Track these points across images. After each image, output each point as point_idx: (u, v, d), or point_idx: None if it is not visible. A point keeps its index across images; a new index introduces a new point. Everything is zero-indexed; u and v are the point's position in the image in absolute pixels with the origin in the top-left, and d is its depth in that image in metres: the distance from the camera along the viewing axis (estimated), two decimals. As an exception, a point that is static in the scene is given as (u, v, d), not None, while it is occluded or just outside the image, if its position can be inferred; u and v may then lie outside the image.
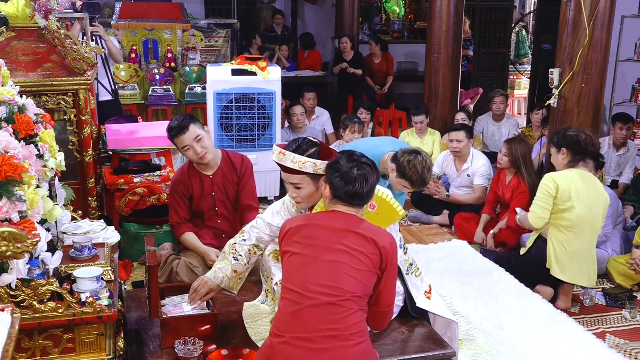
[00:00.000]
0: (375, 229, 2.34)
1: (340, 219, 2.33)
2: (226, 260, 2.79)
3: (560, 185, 3.78)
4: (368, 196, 2.37)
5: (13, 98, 2.44)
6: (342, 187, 2.31)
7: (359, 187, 2.31)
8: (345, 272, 2.22)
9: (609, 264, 4.25)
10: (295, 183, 2.55)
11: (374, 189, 2.40)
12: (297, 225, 2.35)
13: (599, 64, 4.58)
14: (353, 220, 2.33)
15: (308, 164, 2.48)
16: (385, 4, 11.43)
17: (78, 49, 3.72)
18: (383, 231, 2.38)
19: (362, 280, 2.24)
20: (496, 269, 4.15)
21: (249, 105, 5.21)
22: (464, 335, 3.28)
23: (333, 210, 2.37)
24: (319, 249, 2.27)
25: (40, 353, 2.17)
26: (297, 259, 2.29)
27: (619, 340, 3.52)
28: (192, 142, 3.39)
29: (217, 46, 8.36)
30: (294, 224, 2.36)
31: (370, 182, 2.34)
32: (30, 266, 2.17)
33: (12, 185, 2.07)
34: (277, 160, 2.54)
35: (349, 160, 2.35)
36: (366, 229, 2.30)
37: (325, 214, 2.40)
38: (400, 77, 9.69)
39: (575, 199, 3.77)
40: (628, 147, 5.72)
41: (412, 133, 6.32)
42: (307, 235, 2.31)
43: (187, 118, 3.45)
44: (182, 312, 2.64)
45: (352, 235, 2.27)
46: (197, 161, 3.47)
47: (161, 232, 4.14)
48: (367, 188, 2.34)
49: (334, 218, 2.34)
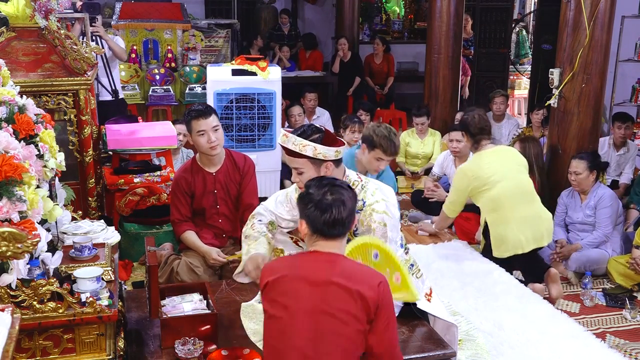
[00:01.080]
0: (360, 273, 2.14)
1: (322, 262, 2.15)
2: (254, 240, 2.80)
3: (471, 177, 4.06)
4: (349, 220, 2.18)
5: (13, 98, 2.44)
6: (318, 217, 2.14)
7: (337, 212, 2.13)
8: (327, 339, 2.06)
9: (609, 264, 4.26)
10: (297, 167, 2.58)
11: (354, 212, 2.21)
12: (275, 278, 2.17)
13: (599, 64, 4.59)
14: (335, 263, 2.14)
15: (308, 147, 2.51)
16: (385, 4, 11.43)
17: (78, 49, 3.72)
18: (369, 274, 2.16)
19: (347, 344, 2.07)
20: (496, 269, 4.15)
21: (249, 105, 5.21)
22: (464, 335, 3.28)
23: (314, 250, 2.19)
24: (298, 314, 2.09)
25: (40, 353, 2.17)
26: (274, 325, 2.14)
27: (619, 340, 3.52)
28: (209, 129, 3.41)
29: (217, 46, 8.36)
30: (271, 277, 2.18)
31: (348, 204, 2.16)
32: (30, 266, 2.17)
33: (12, 185, 2.07)
34: (281, 142, 2.59)
35: (319, 186, 2.19)
36: (350, 277, 2.10)
37: (306, 257, 2.23)
38: (401, 77, 9.70)
39: (491, 180, 4.00)
40: (628, 147, 5.73)
41: (412, 133, 6.33)
42: (285, 291, 2.14)
43: (210, 107, 3.54)
44: (182, 312, 2.64)
45: (333, 289, 2.08)
46: (205, 150, 3.46)
47: (161, 232, 4.14)
48: (346, 212, 2.15)
49: (314, 262, 2.16)
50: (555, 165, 4.89)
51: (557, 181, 4.86)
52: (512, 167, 4.12)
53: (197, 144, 3.47)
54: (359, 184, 2.64)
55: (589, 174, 4.38)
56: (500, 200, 3.98)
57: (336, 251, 2.19)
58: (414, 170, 6.32)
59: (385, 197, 2.61)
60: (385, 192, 2.65)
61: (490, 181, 4.00)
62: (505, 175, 4.03)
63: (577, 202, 4.51)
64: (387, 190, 2.68)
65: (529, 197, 4.07)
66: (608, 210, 4.37)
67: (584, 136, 4.71)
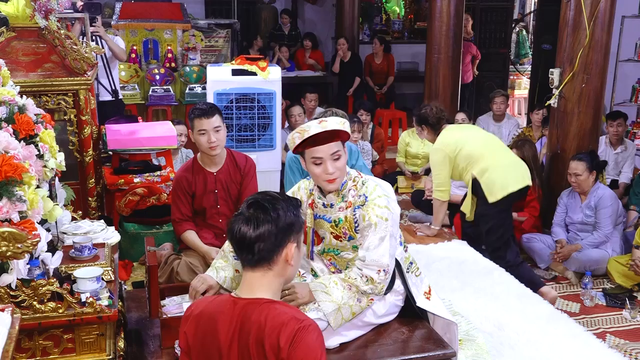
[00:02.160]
0: (273, 327, 1.69)
1: (235, 315, 1.75)
2: (226, 259, 2.70)
3: (441, 148, 4.38)
4: (265, 242, 1.74)
5: (13, 98, 2.44)
6: (229, 237, 1.80)
7: (245, 230, 1.73)
8: None
9: (609, 264, 4.26)
10: (335, 152, 2.47)
11: (280, 234, 1.76)
12: (188, 332, 1.83)
13: (599, 64, 4.59)
14: (253, 313, 1.73)
15: (346, 123, 2.53)
16: (385, 4, 11.43)
17: (78, 49, 3.72)
18: (283, 324, 1.70)
19: None
20: (496, 269, 4.15)
21: (249, 105, 5.21)
22: (464, 335, 3.28)
23: (243, 283, 1.82)
24: None
25: (40, 353, 2.17)
26: None
27: (619, 340, 3.52)
28: (211, 129, 3.41)
29: (217, 46, 8.36)
30: (186, 332, 1.85)
31: (266, 223, 1.73)
32: (30, 266, 2.17)
33: (12, 185, 2.07)
34: (320, 128, 2.42)
35: (247, 205, 1.79)
36: (262, 334, 1.69)
37: (227, 303, 1.80)
38: (401, 77, 9.70)
39: (461, 141, 4.35)
40: (625, 145, 5.72)
41: (412, 133, 6.32)
42: (199, 356, 1.80)
43: (215, 107, 3.53)
44: (182, 312, 2.63)
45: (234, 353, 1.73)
46: (205, 150, 3.46)
47: (161, 232, 4.14)
48: (260, 230, 1.72)
49: (228, 316, 1.76)
50: (555, 165, 4.90)
51: (557, 181, 4.86)
52: (474, 129, 4.79)
53: (198, 143, 3.47)
54: (359, 180, 2.62)
55: (589, 175, 4.39)
56: (478, 151, 4.29)
57: (258, 290, 1.77)
58: (414, 170, 6.32)
59: (386, 192, 2.60)
60: (385, 188, 2.64)
61: (461, 142, 4.34)
62: (472, 134, 4.51)
63: (577, 202, 4.52)
64: (387, 186, 2.67)
65: (503, 147, 4.50)
66: (608, 210, 4.37)
67: (584, 136, 4.71)
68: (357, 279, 2.50)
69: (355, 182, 2.59)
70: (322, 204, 2.63)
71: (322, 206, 2.63)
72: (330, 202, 2.60)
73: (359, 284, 2.50)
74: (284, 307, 1.77)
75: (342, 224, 2.59)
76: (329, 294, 2.47)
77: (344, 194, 2.58)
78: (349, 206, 2.57)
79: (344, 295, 2.48)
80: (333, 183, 2.52)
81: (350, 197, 2.57)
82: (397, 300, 2.67)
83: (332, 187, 2.54)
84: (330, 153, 2.46)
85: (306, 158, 2.52)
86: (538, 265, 4.55)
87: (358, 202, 2.56)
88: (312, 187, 2.70)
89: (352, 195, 2.58)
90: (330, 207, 2.61)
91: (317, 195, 2.65)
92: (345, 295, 2.48)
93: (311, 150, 2.48)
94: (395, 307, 2.67)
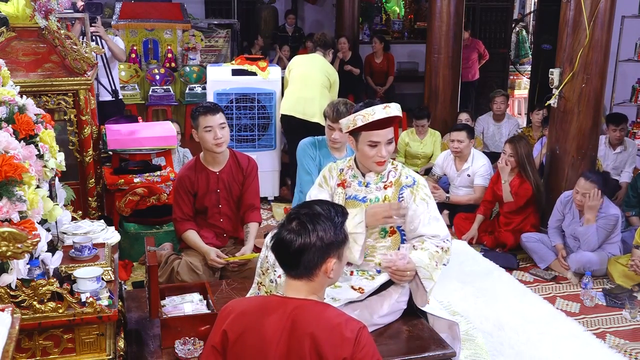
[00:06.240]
0: (330, 330, 1.73)
1: (286, 314, 1.78)
2: None
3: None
4: (305, 256, 1.78)
5: (13, 98, 2.44)
6: (271, 247, 1.86)
7: (287, 242, 1.77)
8: None
9: (609, 264, 4.25)
10: (391, 137, 2.64)
11: (319, 251, 1.78)
12: (229, 329, 1.84)
13: (599, 64, 4.58)
14: (305, 314, 1.77)
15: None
16: (385, 4, 11.43)
17: (78, 49, 3.72)
18: (341, 328, 1.74)
19: None
20: (496, 269, 4.15)
21: (248, 105, 5.22)
22: (464, 335, 3.28)
23: (285, 294, 1.86)
24: None
25: (40, 353, 2.17)
26: None
27: (619, 340, 3.52)
28: (216, 125, 3.43)
29: (217, 46, 8.36)
30: (231, 332, 1.83)
31: (305, 235, 1.76)
32: (30, 266, 2.17)
33: (12, 185, 2.07)
34: (385, 114, 2.56)
35: (288, 219, 1.83)
36: (317, 337, 1.72)
37: (275, 303, 1.84)
38: (401, 77, 9.69)
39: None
40: (625, 145, 5.70)
41: (412, 133, 6.32)
42: (238, 354, 1.81)
43: (218, 105, 3.57)
44: (182, 312, 2.64)
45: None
46: (211, 147, 3.47)
47: (161, 232, 4.14)
48: (300, 241, 1.76)
49: (278, 314, 1.79)
50: (555, 166, 4.88)
51: (557, 182, 4.83)
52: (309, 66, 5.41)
53: (203, 141, 3.48)
54: (396, 164, 2.77)
55: (600, 199, 4.21)
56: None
57: (302, 296, 1.81)
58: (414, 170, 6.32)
59: (419, 178, 2.75)
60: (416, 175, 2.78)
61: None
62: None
63: (576, 218, 4.38)
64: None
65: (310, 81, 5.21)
66: (608, 233, 4.30)
67: (584, 136, 4.70)
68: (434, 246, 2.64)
69: (394, 165, 2.76)
70: (358, 183, 2.74)
71: (357, 185, 2.74)
72: (367, 181, 2.72)
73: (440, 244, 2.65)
74: (335, 310, 1.84)
75: (379, 203, 2.70)
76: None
77: (383, 175, 2.72)
78: (390, 186, 2.70)
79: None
80: (382, 165, 2.66)
81: (391, 177, 2.71)
82: (402, 302, 2.67)
83: (380, 168, 2.69)
84: (387, 138, 2.61)
85: (361, 139, 2.64)
86: (538, 265, 4.54)
87: (405, 182, 2.70)
88: (342, 167, 2.81)
89: (392, 176, 2.72)
90: (366, 187, 2.72)
91: (352, 173, 2.76)
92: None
93: (370, 134, 2.60)
94: (398, 308, 2.67)
